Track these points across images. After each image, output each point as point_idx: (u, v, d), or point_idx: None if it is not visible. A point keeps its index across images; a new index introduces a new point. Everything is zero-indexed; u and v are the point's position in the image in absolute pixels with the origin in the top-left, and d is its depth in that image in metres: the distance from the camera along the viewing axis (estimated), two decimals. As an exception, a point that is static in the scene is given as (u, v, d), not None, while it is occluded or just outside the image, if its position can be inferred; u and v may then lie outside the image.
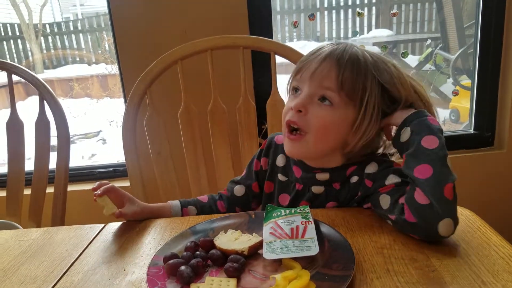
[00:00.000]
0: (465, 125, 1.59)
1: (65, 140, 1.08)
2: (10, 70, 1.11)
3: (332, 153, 0.69)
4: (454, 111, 2.20)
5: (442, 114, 2.19)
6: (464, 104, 1.78)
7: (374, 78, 0.63)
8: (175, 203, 0.80)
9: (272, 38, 1.34)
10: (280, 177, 0.77)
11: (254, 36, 1.09)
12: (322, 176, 0.70)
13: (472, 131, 1.48)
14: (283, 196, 0.76)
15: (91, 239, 0.69)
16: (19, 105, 1.18)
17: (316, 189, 0.72)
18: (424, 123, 0.61)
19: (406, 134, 0.61)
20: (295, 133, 0.66)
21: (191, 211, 0.80)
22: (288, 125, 0.66)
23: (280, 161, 0.77)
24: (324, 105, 0.64)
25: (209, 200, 0.82)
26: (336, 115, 0.63)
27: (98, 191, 0.71)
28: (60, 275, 0.58)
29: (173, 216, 0.78)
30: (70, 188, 1.45)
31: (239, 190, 0.82)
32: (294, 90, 0.68)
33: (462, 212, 0.66)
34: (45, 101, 1.09)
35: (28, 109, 1.27)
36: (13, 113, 1.13)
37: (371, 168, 0.68)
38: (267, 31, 1.33)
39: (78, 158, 2.71)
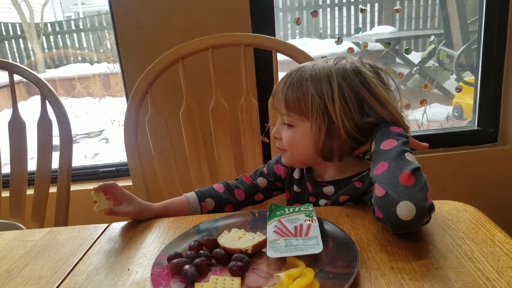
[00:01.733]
0: (468, 121, 1.58)
1: (67, 139, 1.09)
2: (12, 69, 1.11)
3: (323, 162, 0.75)
4: (457, 107, 2.19)
5: (446, 111, 2.19)
6: (468, 100, 1.77)
7: (332, 91, 0.67)
8: (192, 198, 0.82)
9: (274, 36, 1.34)
10: (296, 188, 0.82)
11: (255, 34, 1.09)
12: (329, 190, 0.76)
13: (475, 128, 1.47)
14: (296, 205, 0.79)
15: (95, 239, 0.69)
16: (21, 105, 1.18)
17: (322, 203, 0.77)
18: (385, 132, 0.65)
19: (372, 146, 0.66)
20: (281, 151, 0.78)
21: (209, 204, 0.82)
22: None
23: (296, 174, 0.83)
24: (288, 128, 0.73)
25: (225, 190, 0.84)
26: (297, 132, 0.72)
27: (97, 186, 0.71)
28: (64, 275, 0.59)
29: (192, 212, 0.81)
30: (73, 187, 1.46)
31: (262, 181, 0.86)
32: None
33: (466, 209, 0.66)
34: (47, 101, 1.09)
35: (30, 108, 1.27)
36: (15, 113, 1.13)
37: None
38: (270, 29, 1.32)
39: (81, 157, 2.72)
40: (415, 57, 2.11)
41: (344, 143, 0.70)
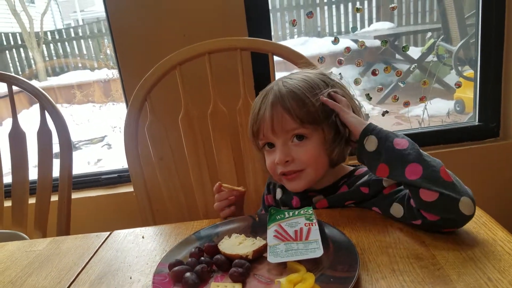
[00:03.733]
0: (469, 116, 1.57)
1: (67, 148, 1.09)
2: (10, 81, 1.12)
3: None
4: (459, 101, 2.17)
5: (447, 105, 2.18)
6: (469, 94, 1.76)
7: (314, 96, 0.67)
8: None
9: (271, 38, 1.34)
10: (283, 208, 0.80)
11: (251, 37, 1.09)
12: (318, 199, 0.74)
13: (476, 123, 1.47)
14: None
15: (97, 247, 0.70)
16: (24, 113, 1.19)
17: (316, 200, 0.75)
18: (384, 130, 0.64)
19: (372, 143, 0.62)
20: (294, 172, 0.70)
21: None
22: (282, 174, 0.71)
23: (278, 194, 0.81)
24: (302, 142, 0.69)
25: None
26: (314, 143, 0.69)
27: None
28: (67, 285, 0.59)
29: None
30: (76, 195, 1.47)
31: None
32: (268, 145, 0.72)
33: (467, 207, 0.65)
34: (46, 111, 1.10)
35: (33, 117, 1.28)
36: (15, 123, 1.14)
37: (360, 177, 0.71)
38: (266, 31, 1.32)
39: (84, 164, 2.73)
40: (414, 52, 2.10)
41: (344, 146, 0.70)
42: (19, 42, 3.34)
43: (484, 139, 1.45)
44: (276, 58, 1.02)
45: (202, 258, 0.59)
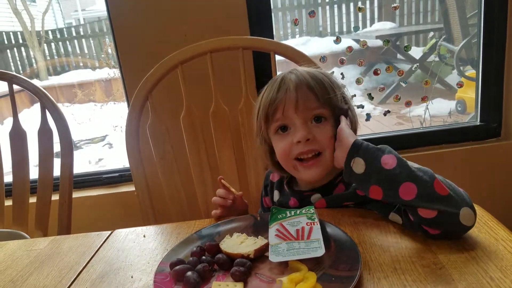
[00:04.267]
0: (471, 116, 1.57)
1: (68, 147, 1.09)
2: (11, 80, 1.12)
3: None
4: (460, 101, 2.17)
5: (448, 106, 2.17)
6: (471, 94, 1.75)
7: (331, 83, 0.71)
8: None
9: (273, 37, 1.33)
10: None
11: (253, 36, 1.09)
12: (316, 197, 0.74)
13: (478, 123, 1.46)
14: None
15: (98, 246, 0.70)
16: (25, 113, 1.19)
17: (315, 199, 0.75)
18: (370, 147, 0.61)
19: (359, 166, 0.60)
20: (311, 158, 0.69)
21: None
22: (297, 158, 0.70)
23: (276, 196, 0.82)
24: (322, 124, 0.69)
25: None
26: (331, 125, 0.69)
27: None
28: (68, 284, 0.59)
29: None
30: (77, 194, 1.47)
31: None
32: (281, 129, 0.71)
33: (469, 207, 0.65)
34: (46, 110, 1.10)
35: (34, 116, 1.28)
36: (16, 122, 1.14)
37: None
38: (268, 30, 1.32)
39: (85, 163, 2.73)
40: (416, 52, 2.10)
41: None
42: (20, 41, 3.35)
43: (485, 139, 1.45)
44: (277, 57, 1.01)
45: (204, 257, 0.59)
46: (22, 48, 3.37)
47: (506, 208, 1.40)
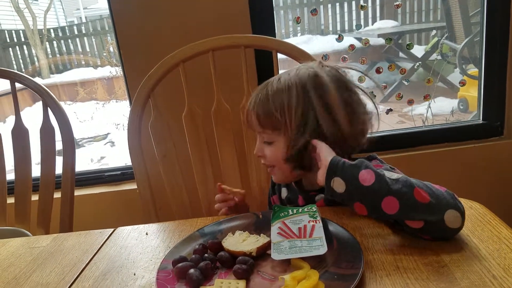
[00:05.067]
0: (473, 115, 1.57)
1: (70, 145, 1.09)
2: (13, 78, 1.12)
3: (306, 173, 0.75)
4: (462, 100, 2.17)
5: (451, 104, 2.17)
6: (473, 93, 1.75)
7: (289, 102, 0.68)
8: None
9: (275, 35, 1.33)
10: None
11: (255, 35, 1.09)
12: (319, 197, 0.76)
13: (480, 121, 1.46)
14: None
15: (101, 244, 0.70)
16: (27, 111, 1.20)
17: (319, 198, 0.77)
18: (345, 165, 0.60)
19: (339, 185, 0.59)
20: (270, 168, 0.77)
21: None
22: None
23: (284, 193, 0.83)
24: (268, 145, 0.74)
25: None
26: (276, 148, 0.72)
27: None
28: (71, 282, 0.59)
29: None
30: (79, 192, 1.48)
31: None
32: None
33: (472, 206, 0.65)
34: (49, 108, 1.10)
35: (36, 114, 1.28)
36: (18, 121, 1.14)
37: None
38: (270, 29, 1.32)
39: (88, 161, 2.74)
40: (418, 50, 2.10)
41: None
42: (22, 39, 3.36)
43: (488, 138, 1.44)
44: (280, 55, 1.01)
45: (206, 255, 0.59)
46: (24, 46, 3.38)
47: (508, 206, 1.40)
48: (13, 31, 3.37)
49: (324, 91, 0.68)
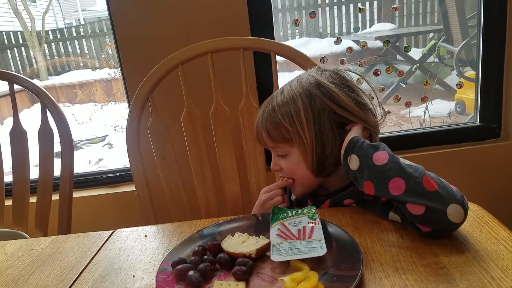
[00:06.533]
0: (470, 117, 1.57)
1: (68, 147, 1.09)
2: (11, 80, 1.11)
3: (323, 180, 0.75)
4: (459, 102, 2.18)
5: (448, 107, 2.18)
6: (470, 95, 1.76)
7: (298, 112, 0.69)
8: None
9: (273, 37, 1.34)
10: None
11: (254, 37, 1.09)
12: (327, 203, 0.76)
13: (478, 123, 1.47)
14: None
15: (100, 246, 0.70)
16: (25, 113, 1.19)
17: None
18: (364, 145, 0.63)
19: (354, 162, 0.63)
20: (289, 181, 0.77)
21: None
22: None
23: (293, 195, 0.83)
24: (283, 158, 0.75)
25: None
26: (292, 160, 0.73)
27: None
28: (70, 284, 0.59)
29: None
30: (78, 194, 1.47)
31: None
32: None
33: (470, 207, 0.65)
34: (47, 109, 1.10)
35: (34, 116, 1.28)
36: (16, 122, 1.14)
37: None
38: (268, 31, 1.32)
39: (86, 163, 2.73)
40: (415, 53, 2.11)
41: (334, 156, 0.70)
42: (21, 41, 3.35)
43: (485, 140, 1.45)
44: (278, 58, 1.02)
45: (205, 256, 0.59)
46: (23, 48, 3.38)
47: (506, 208, 1.40)
48: (11, 33, 3.36)
49: (330, 95, 0.69)
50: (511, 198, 1.45)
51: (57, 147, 1.12)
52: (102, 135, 3.16)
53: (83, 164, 2.69)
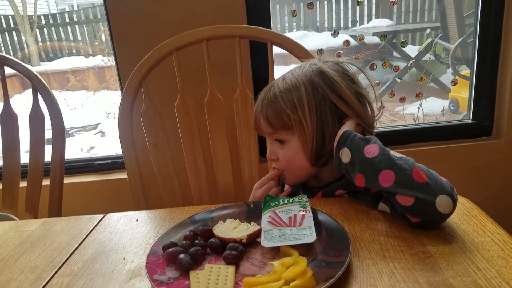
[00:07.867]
0: (463, 115, 1.59)
1: (59, 131, 1.08)
2: (2, 62, 1.09)
3: (317, 171, 0.75)
4: (453, 101, 2.20)
5: (441, 105, 2.20)
6: (464, 94, 1.78)
7: (300, 99, 0.69)
8: None
9: (270, 28, 1.33)
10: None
11: (250, 25, 1.08)
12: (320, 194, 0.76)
13: (470, 121, 1.48)
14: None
15: (90, 229, 0.70)
16: (16, 98, 1.17)
17: None
18: (355, 138, 0.64)
19: (346, 155, 0.64)
20: (281, 172, 0.77)
21: None
22: None
23: (286, 186, 0.83)
24: (281, 145, 0.74)
25: None
26: (291, 147, 0.73)
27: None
28: (60, 264, 0.59)
29: None
30: (69, 180, 1.46)
31: None
32: None
33: (459, 200, 0.66)
34: (38, 93, 1.08)
35: (25, 101, 1.26)
36: (7, 105, 1.12)
37: None
38: (266, 21, 1.32)
39: (77, 151, 2.71)
40: (412, 50, 2.12)
41: (331, 146, 0.70)
42: (12, 25, 3.29)
43: (477, 137, 1.47)
44: (274, 51, 1.01)
45: (197, 241, 0.59)
46: (14, 33, 3.32)
47: (496, 204, 1.42)
48: (2, 17, 3.30)
49: (333, 84, 0.69)
50: (501, 195, 1.47)
51: (48, 134, 1.11)
52: (94, 123, 3.13)
53: (74, 151, 2.67)
